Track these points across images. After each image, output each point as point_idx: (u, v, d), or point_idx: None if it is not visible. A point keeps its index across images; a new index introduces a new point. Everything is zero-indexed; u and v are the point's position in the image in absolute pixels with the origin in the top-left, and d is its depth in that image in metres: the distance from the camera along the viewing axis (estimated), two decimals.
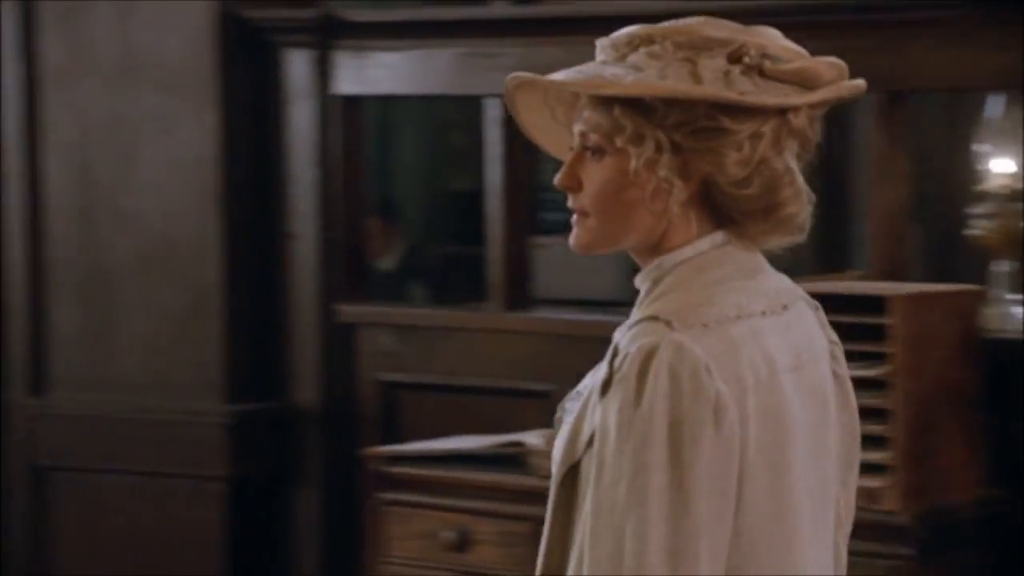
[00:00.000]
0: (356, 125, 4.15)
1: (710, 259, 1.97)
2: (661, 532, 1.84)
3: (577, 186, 1.97)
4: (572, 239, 2.00)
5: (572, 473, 1.93)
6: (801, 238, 1.99)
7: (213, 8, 4.01)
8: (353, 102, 4.13)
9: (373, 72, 4.07)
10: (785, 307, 1.99)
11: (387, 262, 5.51)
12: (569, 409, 2.00)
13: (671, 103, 1.92)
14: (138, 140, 4.08)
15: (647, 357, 1.87)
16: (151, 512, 4.08)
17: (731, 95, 1.91)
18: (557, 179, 1.98)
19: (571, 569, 1.91)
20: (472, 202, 4.44)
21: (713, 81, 1.93)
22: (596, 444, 1.88)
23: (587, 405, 1.93)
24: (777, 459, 1.92)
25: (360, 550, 3.86)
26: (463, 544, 3.59)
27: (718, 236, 1.98)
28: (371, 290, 4.33)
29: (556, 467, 1.95)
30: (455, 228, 5.99)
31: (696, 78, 1.93)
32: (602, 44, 1.99)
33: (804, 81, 1.97)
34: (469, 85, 4.00)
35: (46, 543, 4.20)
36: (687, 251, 1.97)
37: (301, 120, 4.07)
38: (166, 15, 4.02)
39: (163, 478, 4.06)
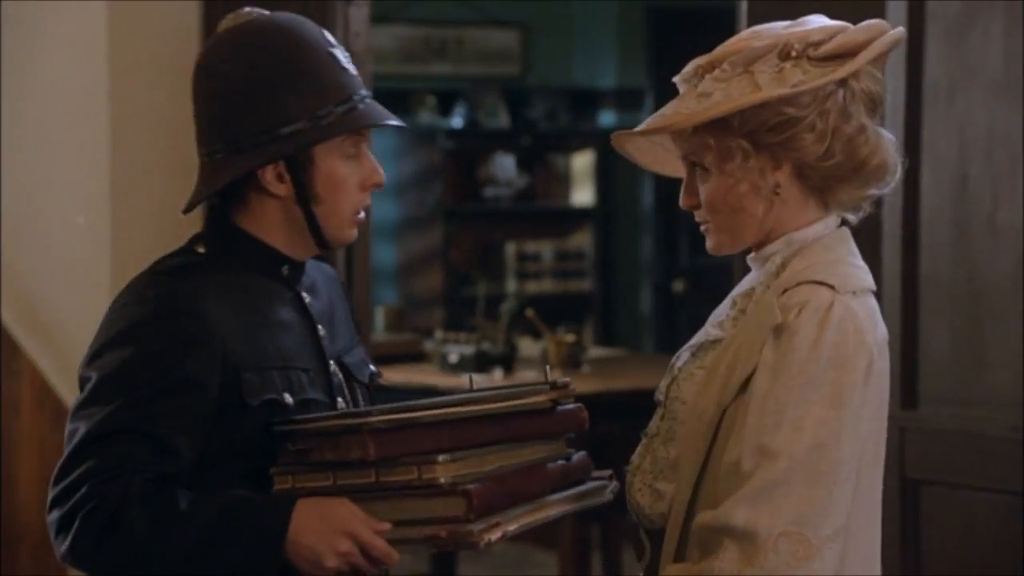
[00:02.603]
0: None
1: (832, 239, 2.28)
2: (809, 458, 2.13)
3: (697, 203, 2.30)
4: (707, 246, 2.33)
5: (721, 415, 2.22)
6: (895, 180, 2.31)
7: None
8: None
9: None
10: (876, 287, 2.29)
11: None
12: (684, 358, 2.34)
13: (742, 114, 2.22)
14: (1017, 155, 4.03)
15: (825, 312, 2.17)
16: (1022, 534, 4.00)
17: (783, 91, 2.20)
18: (680, 201, 2.32)
19: (740, 458, 2.16)
20: None
21: (769, 83, 2.21)
22: (761, 379, 2.17)
23: (737, 356, 2.21)
24: (884, 413, 2.26)
25: None
26: None
27: (831, 220, 2.30)
28: None
29: (701, 411, 2.24)
30: None
31: (755, 86, 2.20)
32: (678, 81, 2.30)
33: (846, 53, 2.23)
34: None
35: (915, 551, 4.22)
36: (812, 231, 2.28)
37: None
38: None
39: None
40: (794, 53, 2.23)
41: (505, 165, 9.03)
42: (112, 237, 5.38)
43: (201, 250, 2.47)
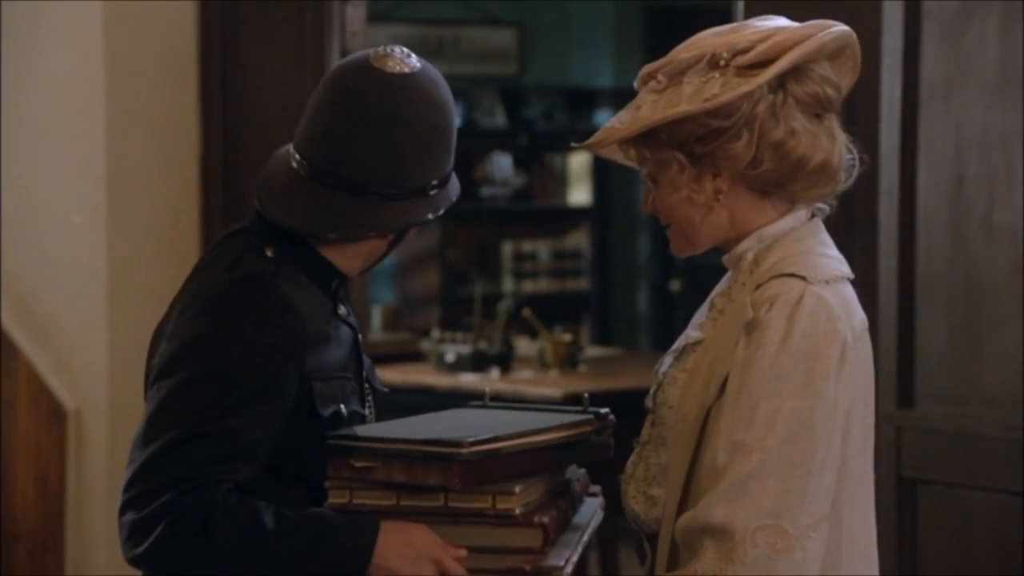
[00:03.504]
0: None
1: (804, 232, 2.26)
2: (782, 450, 2.11)
3: (655, 209, 2.32)
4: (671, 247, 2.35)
5: (705, 416, 2.20)
6: (850, 177, 2.27)
7: None
8: None
9: None
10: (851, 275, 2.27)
11: None
12: (667, 363, 2.34)
13: (668, 128, 2.22)
14: (1014, 154, 4.03)
15: (795, 304, 2.15)
16: (1019, 533, 4.00)
17: (692, 108, 2.19)
18: (642, 207, 2.36)
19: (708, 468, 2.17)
20: None
21: (691, 96, 2.19)
22: (734, 376, 2.16)
23: (716, 356, 2.21)
24: (868, 400, 2.23)
25: None
26: None
27: (801, 213, 2.27)
28: None
29: (684, 414, 2.23)
30: None
31: (677, 100, 2.20)
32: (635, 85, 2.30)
33: (773, 58, 2.19)
34: None
35: (911, 551, 4.22)
36: (781, 225, 2.26)
37: None
38: None
39: None
40: (722, 62, 2.21)
41: (502, 164, 9.03)
42: (108, 236, 5.37)
43: (270, 253, 2.44)
